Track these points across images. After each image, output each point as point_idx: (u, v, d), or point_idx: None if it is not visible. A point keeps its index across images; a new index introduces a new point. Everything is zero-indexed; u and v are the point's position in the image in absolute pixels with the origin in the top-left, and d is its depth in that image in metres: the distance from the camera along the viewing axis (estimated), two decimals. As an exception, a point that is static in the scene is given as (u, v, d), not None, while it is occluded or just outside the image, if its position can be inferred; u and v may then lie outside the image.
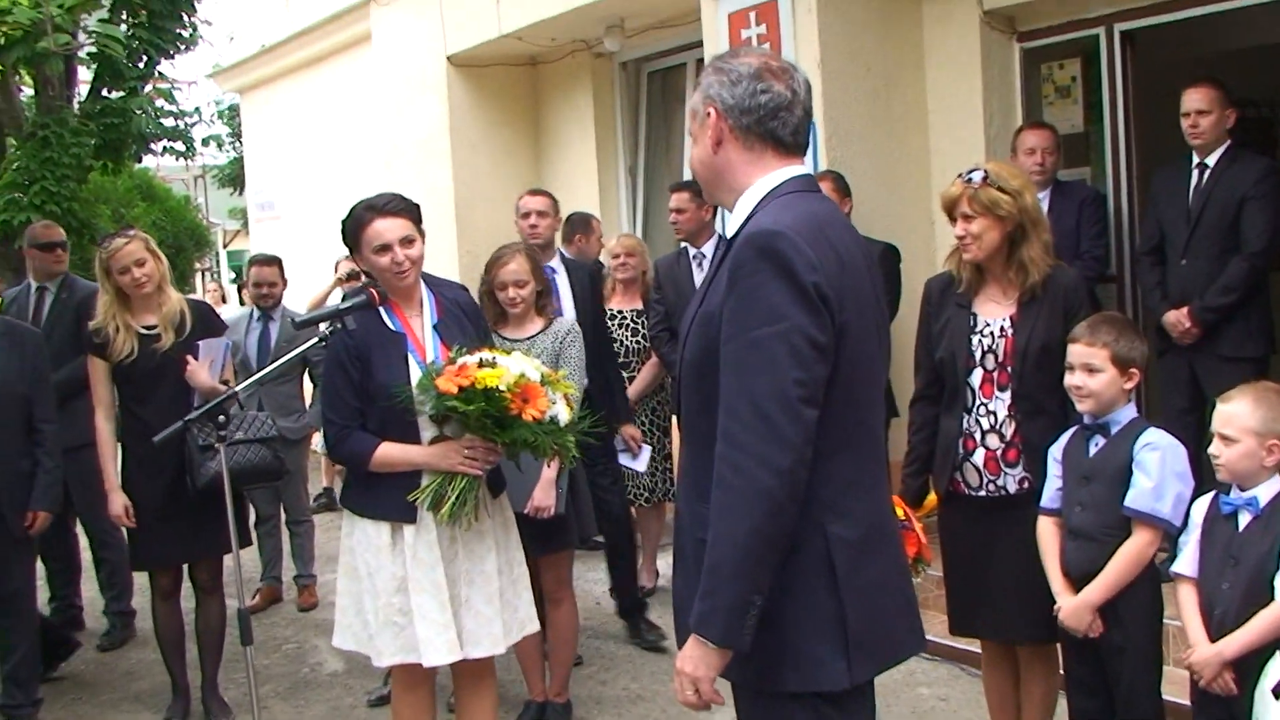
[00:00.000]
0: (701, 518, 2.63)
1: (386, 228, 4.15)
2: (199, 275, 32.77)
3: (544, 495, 5.03)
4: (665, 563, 7.50)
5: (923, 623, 2.94)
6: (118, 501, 5.44)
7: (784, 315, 2.51)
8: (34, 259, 7.10)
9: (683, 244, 7.08)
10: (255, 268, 7.78)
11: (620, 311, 6.98)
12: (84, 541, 7.31)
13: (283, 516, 7.79)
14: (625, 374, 6.77)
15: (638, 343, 6.95)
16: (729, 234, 2.77)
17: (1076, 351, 3.86)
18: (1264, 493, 3.55)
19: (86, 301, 6.60)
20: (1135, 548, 3.76)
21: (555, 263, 6.23)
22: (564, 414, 4.10)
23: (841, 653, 2.62)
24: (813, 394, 2.52)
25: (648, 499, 7.09)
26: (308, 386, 8.09)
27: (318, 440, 8.13)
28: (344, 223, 4.25)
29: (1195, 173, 5.89)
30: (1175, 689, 4.28)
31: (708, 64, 2.85)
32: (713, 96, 2.75)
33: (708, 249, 6.71)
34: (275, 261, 7.83)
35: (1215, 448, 3.62)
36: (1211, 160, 5.83)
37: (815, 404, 2.53)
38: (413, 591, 4.13)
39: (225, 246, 35.89)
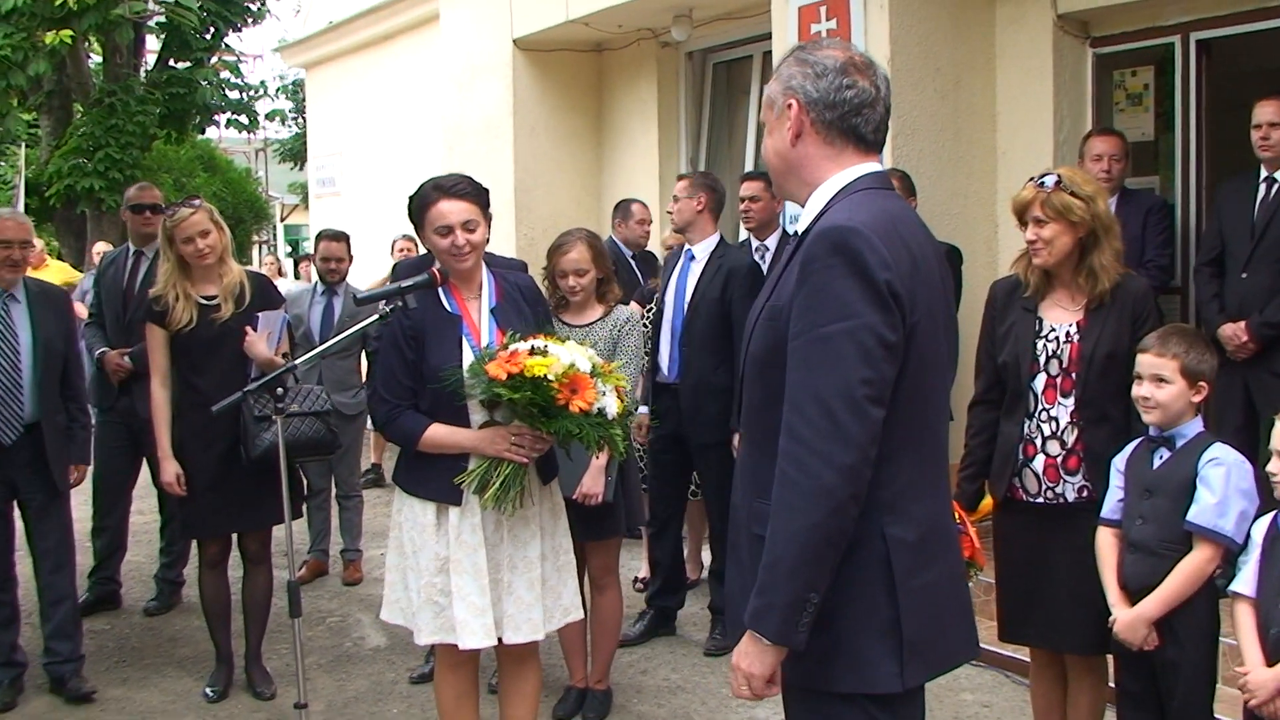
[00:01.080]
0: (758, 513, 2.61)
1: (451, 209, 4.14)
2: (256, 248, 33.07)
3: (593, 482, 5.04)
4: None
5: (974, 629, 2.90)
6: (170, 469, 5.47)
7: (855, 312, 2.48)
8: (127, 220, 7.07)
9: (746, 237, 7.05)
10: (324, 242, 7.85)
11: None
12: (135, 506, 7.39)
13: (333, 491, 7.84)
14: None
15: None
16: (800, 229, 2.73)
17: (1146, 362, 3.81)
18: (1325, 512, 3.50)
19: None
20: (1195, 563, 3.71)
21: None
22: (613, 406, 4.07)
23: (895, 656, 2.59)
24: (880, 393, 2.49)
25: (694, 492, 7.05)
26: (365, 363, 8.15)
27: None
28: (411, 199, 4.26)
29: (1262, 186, 5.80)
30: (1227, 708, 4.23)
31: (789, 53, 2.79)
32: (795, 89, 2.70)
33: (771, 242, 6.66)
34: (343, 237, 7.90)
35: (1274, 465, 3.55)
36: None
37: (882, 404, 2.49)
38: (453, 573, 4.13)
39: (283, 220, 36.18)
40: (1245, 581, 3.60)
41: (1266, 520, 3.63)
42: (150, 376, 5.57)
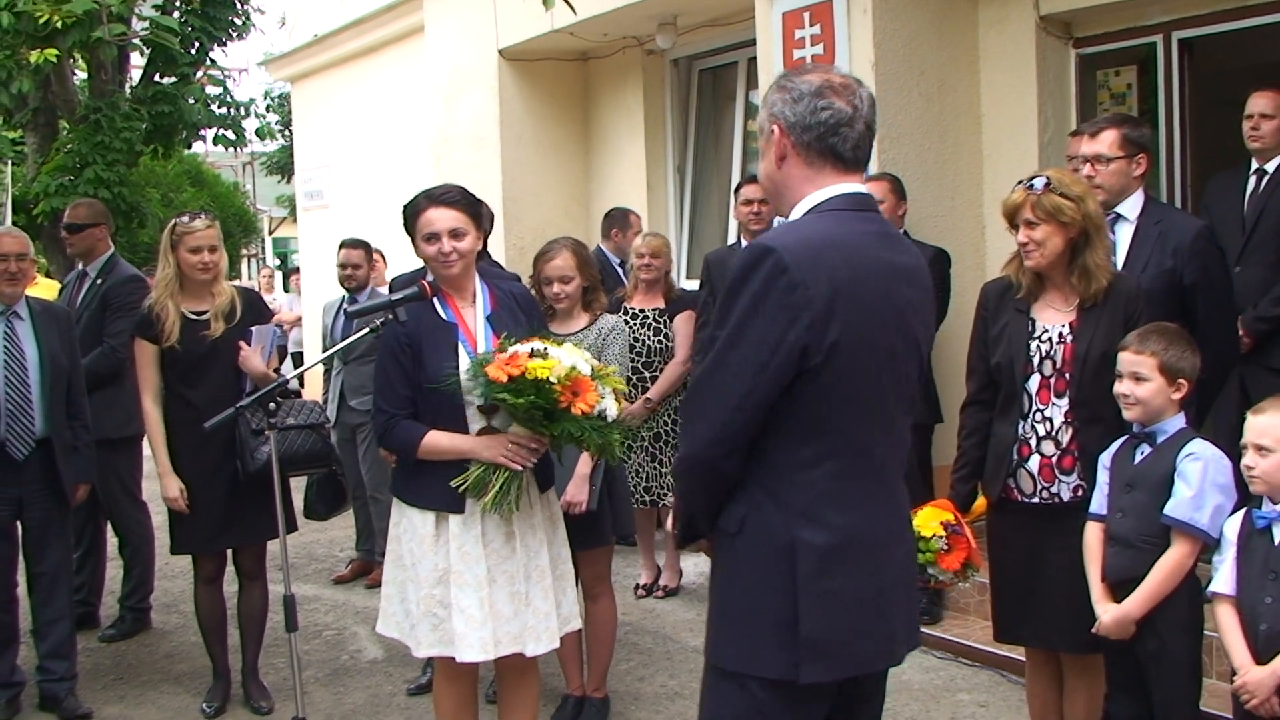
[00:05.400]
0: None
1: (438, 217, 4.21)
2: (245, 261, 33.02)
3: (577, 490, 5.02)
4: (688, 563, 7.55)
5: (905, 638, 2.96)
6: (172, 486, 5.39)
7: (749, 327, 2.69)
8: None
9: (736, 239, 7.08)
10: (343, 250, 7.90)
11: (643, 311, 6.97)
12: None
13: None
14: (648, 374, 6.83)
15: (660, 342, 6.92)
16: None
17: (1125, 359, 3.86)
18: (1299, 504, 3.51)
19: (115, 289, 6.62)
20: (1175, 559, 3.74)
21: None
22: (613, 409, 4.10)
23: (787, 647, 2.75)
24: (755, 403, 2.72)
25: (641, 500, 7.00)
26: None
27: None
28: (404, 209, 4.33)
29: (1252, 179, 5.81)
30: (1218, 702, 4.25)
31: (774, 81, 2.94)
32: (776, 114, 2.86)
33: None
34: (361, 245, 7.93)
35: (1250, 459, 3.58)
36: (1270, 167, 5.74)
37: (754, 411, 2.73)
38: (453, 585, 4.14)
39: (271, 234, 36.13)
40: (1224, 581, 3.62)
41: (1239, 517, 3.65)
42: (140, 394, 5.53)
